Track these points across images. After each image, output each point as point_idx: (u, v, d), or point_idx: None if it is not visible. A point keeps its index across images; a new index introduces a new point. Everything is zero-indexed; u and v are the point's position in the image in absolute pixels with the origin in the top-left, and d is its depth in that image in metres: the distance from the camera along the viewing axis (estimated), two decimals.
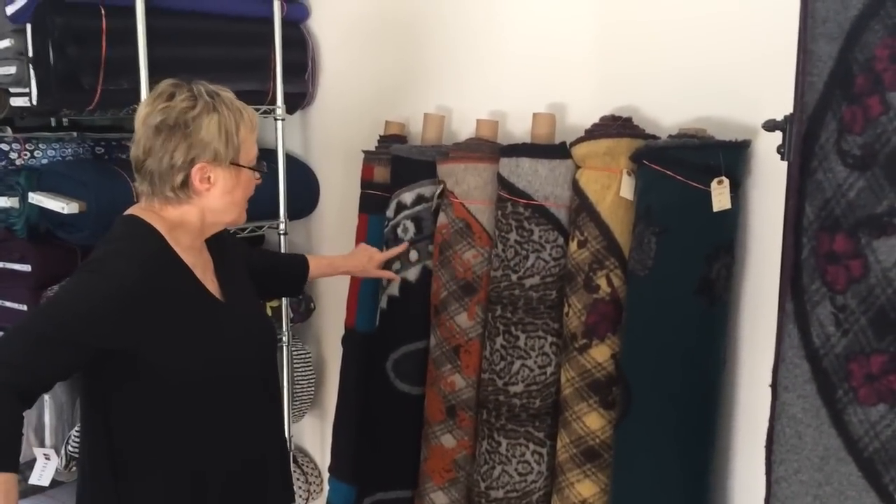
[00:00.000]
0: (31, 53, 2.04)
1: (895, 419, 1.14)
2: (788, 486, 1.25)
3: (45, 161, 2.33)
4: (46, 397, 2.30)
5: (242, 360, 1.52)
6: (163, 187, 1.42)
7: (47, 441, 2.32)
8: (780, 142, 1.27)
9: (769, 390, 1.31)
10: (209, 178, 1.43)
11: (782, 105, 1.30)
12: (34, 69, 2.04)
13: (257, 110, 2.37)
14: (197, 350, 1.43)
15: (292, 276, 1.96)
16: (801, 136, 1.20)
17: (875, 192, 1.14)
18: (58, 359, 1.32)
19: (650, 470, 1.65)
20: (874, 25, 1.11)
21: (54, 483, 2.32)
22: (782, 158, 1.25)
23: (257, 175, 1.53)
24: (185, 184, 1.42)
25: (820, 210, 1.20)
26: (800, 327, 1.22)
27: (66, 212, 2.07)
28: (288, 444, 1.80)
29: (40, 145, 2.33)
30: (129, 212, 1.48)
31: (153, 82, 2.01)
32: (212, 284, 1.52)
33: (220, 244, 1.60)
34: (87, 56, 1.99)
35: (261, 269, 1.81)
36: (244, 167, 1.47)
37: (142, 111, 1.43)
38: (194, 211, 1.46)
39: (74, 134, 2.49)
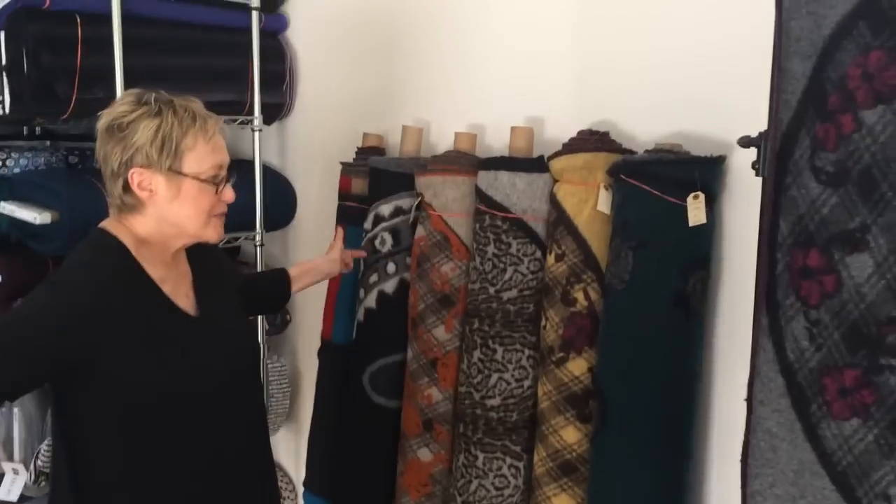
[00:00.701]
0: (4, 61, 2.01)
1: (868, 433, 1.15)
2: (764, 499, 1.26)
3: (17, 170, 2.29)
4: (16, 410, 2.26)
5: (211, 376, 1.48)
6: (112, 193, 1.42)
7: (16, 455, 2.28)
8: (754, 158, 1.29)
9: (744, 404, 1.32)
10: (149, 185, 1.38)
11: (757, 121, 1.32)
12: (7, 77, 2.01)
13: (234, 121, 2.37)
14: (158, 364, 1.39)
15: (274, 290, 1.95)
16: (776, 153, 1.22)
17: (848, 209, 1.15)
18: (14, 372, 1.30)
19: (626, 483, 1.65)
20: (847, 45, 1.13)
21: (23, 498, 2.28)
22: (757, 174, 1.27)
23: (221, 188, 1.44)
24: (127, 189, 1.39)
25: (794, 226, 1.21)
26: (774, 342, 1.24)
27: (38, 222, 2.04)
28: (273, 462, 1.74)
29: (12, 154, 2.30)
30: (101, 224, 1.46)
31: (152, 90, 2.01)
32: (185, 299, 1.49)
33: (203, 258, 1.57)
34: (61, 64, 1.97)
35: (242, 289, 1.78)
36: (186, 176, 1.39)
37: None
38: (151, 221, 1.42)
39: (48, 143, 2.46)
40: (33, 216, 2.05)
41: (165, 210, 1.41)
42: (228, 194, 1.47)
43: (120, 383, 1.37)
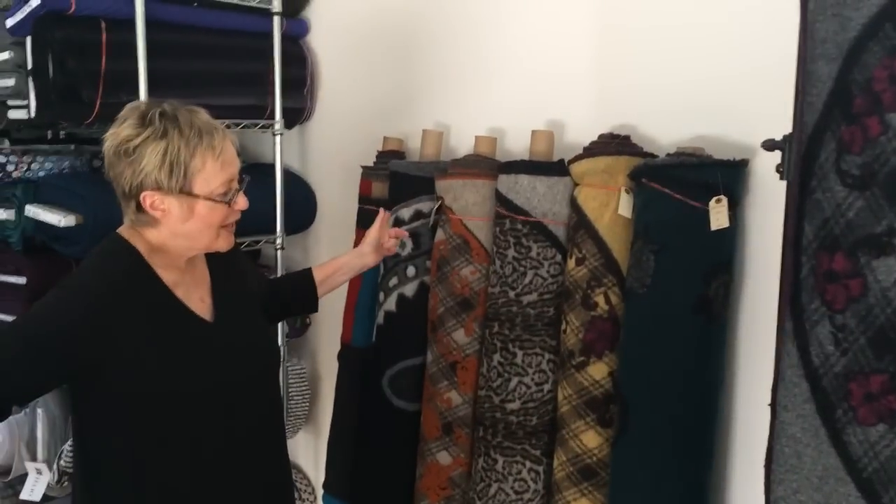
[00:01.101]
0: (30, 66, 2.04)
1: (894, 439, 1.13)
2: None
3: (42, 174, 2.32)
4: (39, 411, 2.28)
5: (223, 381, 1.47)
6: (126, 210, 1.42)
7: (39, 455, 2.30)
8: (778, 161, 1.28)
9: (767, 409, 1.30)
10: (161, 205, 1.38)
11: (779, 124, 1.31)
12: (33, 82, 2.04)
13: (255, 125, 2.38)
14: (168, 367, 1.40)
15: (298, 292, 1.86)
16: (801, 156, 1.21)
17: (874, 212, 1.14)
18: (27, 374, 1.32)
19: (647, 489, 1.64)
20: (873, 46, 1.12)
21: (46, 498, 2.30)
22: (781, 178, 1.26)
23: (230, 203, 1.42)
24: (141, 209, 1.39)
25: (819, 229, 1.20)
26: (799, 346, 1.22)
27: (62, 225, 2.07)
28: (289, 469, 1.73)
29: (38, 158, 2.33)
30: (117, 231, 1.47)
31: (152, 95, 2.03)
32: (199, 304, 1.49)
33: (224, 262, 1.57)
34: (86, 69, 1.99)
35: (266, 293, 1.77)
36: (199, 197, 1.38)
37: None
38: (165, 234, 1.42)
39: (72, 147, 2.49)
40: (58, 219, 2.07)
41: (180, 227, 1.41)
42: (241, 203, 1.45)
43: (130, 384, 1.38)
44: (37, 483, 2.22)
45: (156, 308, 1.42)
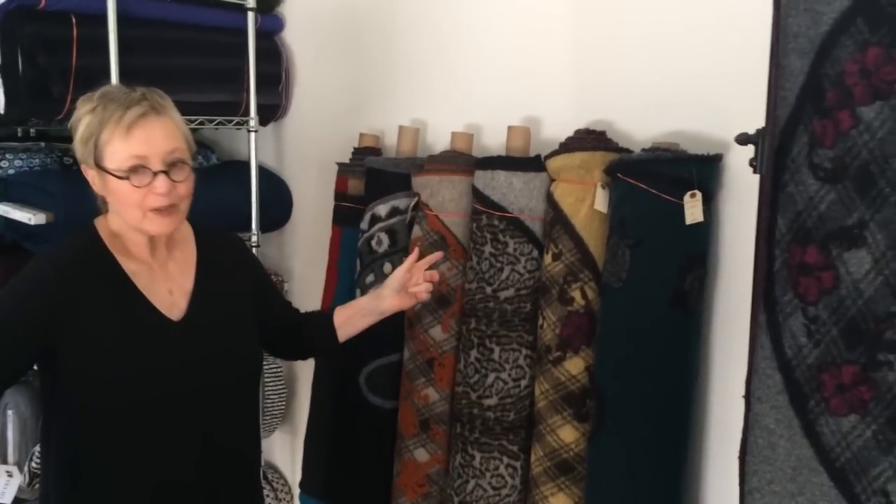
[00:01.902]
0: None
1: (866, 429, 1.15)
2: (762, 496, 1.25)
3: (11, 171, 2.28)
4: (10, 413, 2.25)
5: (188, 386, 1.44)
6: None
7: (10, 457, 2.27)
8: (752, 155, 1.29)
9: (742, 401, 1.31)
10: (93, 181, 1.42)
11: (753, 119, 1.32)
12: (2, 78, 2.00)
13: (230, 122, 2.36)
14: (118, 354, 1.38)
15: (316, 334, 1.76)
16: (774, 150, 1.22)
17: (845, 205, 1.15)
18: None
19: (624, 482, 1.65)
20: (844, 41, 1.14)
21: (17, 501, 2.27)
22: (755, 171, 1.27)
23: (150, 182, 1.36)
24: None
25: (792, 222, 1.21)
26: (772, 338, 1.24)
27: (32, 222, 2.04)
28: (258, 472, 1.70)
29: (7, 155, 2.29)
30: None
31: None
32: (166, 297, 1.45)
33: (217, 259, 1.56)
34: (57, 65, 1.97)
35: (283, 325, 1.73)
36: (107, 172, 1.37)
37: None
38: (114, 215, 1.45)
39: (42, 144, 2.46)
40: (28, 217, 2.05)
41: (111, 204, 1.43)
42: (160, 186, 1.36)
43: (85, 364, 1.37)
44: (7, 486, 2.19)
45: (112, 292, 1.41)
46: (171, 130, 1.41)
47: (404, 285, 1.69)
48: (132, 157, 1.36)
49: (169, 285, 1.48)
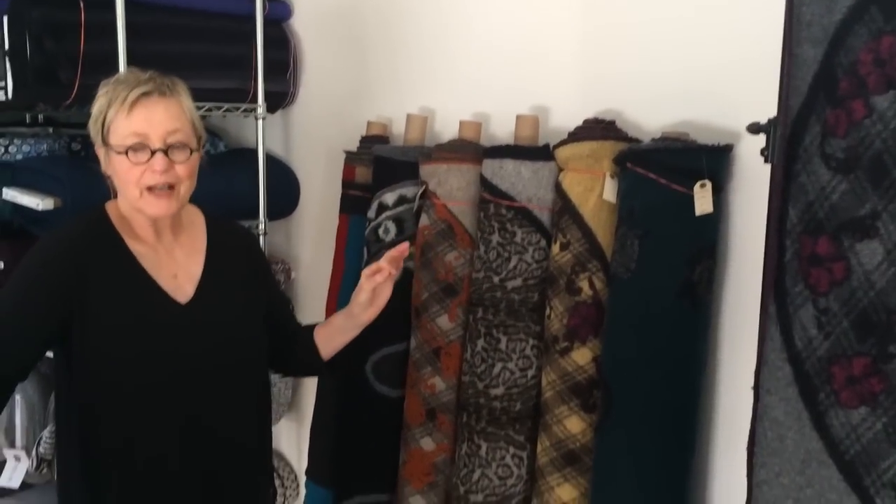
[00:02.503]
0: (6, 46, 2.00)
1: (876, 422, 1.14)
2: (770, 489, 1.25)
3: (19, 157, 2.28)
4: (18, 397, 2.26)
5: (192, 367, 1.46)
6: None
7: (18, 442, 2.28)
8: (763, 145, 1.28)
9: (750, 394, 1.31)
10: (101, 160, 1.46)
11: (764, 110, 1.31)
12: (10, 62, 2.00)
13: (237, 108, 2.36)
14: (131, 336, 1.42)
15: (305, 345, 1.72)
16: (786, 139, 1.21)
17: (858, 195, 1.14)
18: (13, 342, 1.39)
19: (630, 473, 1.65)
20: (858, 29, 1.12)
21: (25, 485, 2.27)
22: (766, 161, 1.26)
23: (149, 159, 1.38)
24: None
25: (803, 213, 1.20)
26: (782, 330, 1.23)
27: (40, 208, 2.03)
28: (266, 455, 1.68)
29: (15, 140, 2.29)
30: None
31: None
32: (171, 281, 1.47)
33: (230, 247, 1.59)
34: (64, 50, 1.96)
35: (280, 333, 1.70)
36: (111, 148, 1.42)
37: None
38: (120, 196, 1.49)
39: (50, 130, 2.45)
40: (36, 202, 2.04)
41: (116, 185, 1.46)
42: (157, 164, 1.39)
43: (96, 343, 1.40)
44: (15, 470, 2.20)
45: (119, 271, 1.44)
46: (174, 112, 1.43)
47: (369, 301, 1.62)
48: (132, 135, 1.40)
49: (174, 269, 1.49)
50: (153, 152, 1.39)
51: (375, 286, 1.60)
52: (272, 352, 1.67)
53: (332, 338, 1.71)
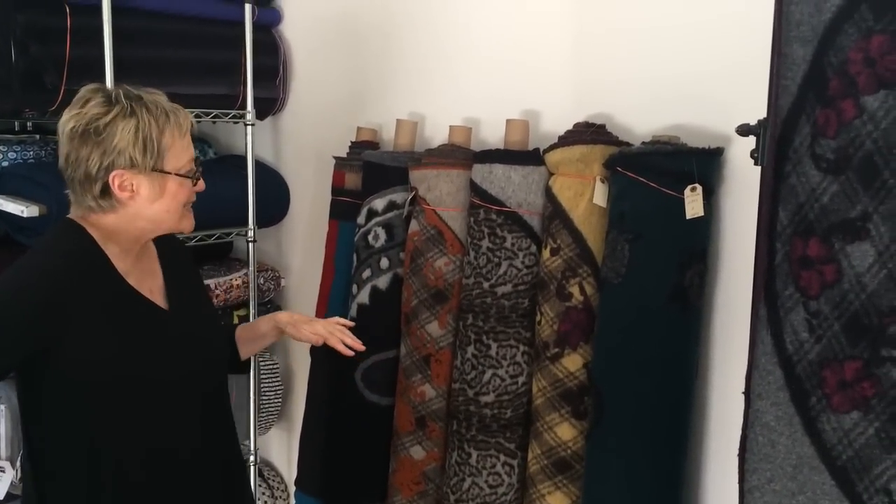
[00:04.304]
0: None
1: (868, 427, 1.12)
2: (762, 495, 1.23)
3: (5, 164, 2.26)
4: (2, 408, 2.22)
5: (180, 371, 1.45)
6: (84, 197, 1.36)
7: (2, 453, 2.24)
8: (753, 147, 1.26)
9: (742, 398, 1.29)
10: (131, 186, 1.35)
11: (755, 113, 1.30)
12: None
13: (226, 115, 2.34)
14: (129, 355, 1.37)
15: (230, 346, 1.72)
16: (775, 140, 1.19)
17: (849, 197, 1.13)
18: None
19: (621, 480, 1.63)
20: (848, 28, 1.11)
21: (9, 496, 2.24)
22: (756, 163, 1.24)
23: (196, 181, 1.44)
24: (106, 193, 1.35)
25: (793, 215, 1.19)
26: (773, 333, 1.21)
27: (25, 215, 2.01)
28: (246, 462, 1.71)
29: (1, 147, 2.27)
30: (68, 216, 1.43)
31: (119, 83, 1.98)
32: (153, 293, 1.47)
33: (174, 254, 1.57)
34: (50, 54, 1.94)
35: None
36: (170, 174, 1.39)
37: (61, 119, 1.38)
38: (125, 220, 1.39)
39: (37, 136, 2.43)
40: (21, 209, 2.02)
41: (146, 209, 1.39)
42: (202, 184, 1.47)
43: (86, 371, 1.34)
44: (0, 481, 2.17)
45: (111, 295, 1.39)
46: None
47: (297, 332, 1.66)
48: (191, 160, 1.44)
49: (149, 283, 1.48)
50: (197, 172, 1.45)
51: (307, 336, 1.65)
52: None
53: (253, 341, 1.72)
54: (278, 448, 2.81)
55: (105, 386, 1.36)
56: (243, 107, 2.37)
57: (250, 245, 2.42)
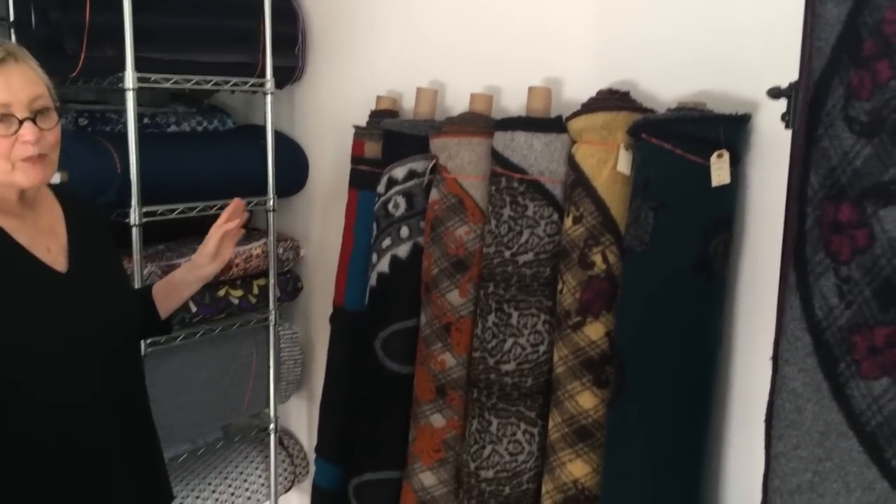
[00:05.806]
0: (12, 18, 1.98)
1: None
2: (787, 461, 1.22)
3: None
4: None
5: (82, 334, 1.41)
6: None
7: None
8: (783, 110, 1.24)
9: (766, 368, 1.28)
10: None
11: (784, 78, 1.27)
12: (15, 34, 1.98)
13: (245, 83, 2.33)
14: (19, 319, 1.33)
15: (145, 309, 1.69)
16: (807, 103, 1.17)
17: (882, 160, 1.11)
18: None
19: (643, 449, 1.62)
20: None
21: None
22: (787, 126, 1.22)
23: (16, 130, 1.32)
24: None
25: (825, 179, 1.17)
26: (802, 299, 1.20)
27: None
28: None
29: None
30: None
31: (138, 50, 1.97)
32: (46, 253, 1.42)
33: (86, 219, 1.55)
34: (70, 21, 1.93)
35: None
36: None
37: None
38: None
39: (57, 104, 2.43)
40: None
41: None
42: (26, 134, 1.32)
43: None
44: None
45: None
46: (31, 77, 1.35)
47: (218, 251, 1.69)
48: (3, 105, 1.31)
49: (46, 242, 1.44)
50: (21, 121, 1.32)
51: (223, 235, 1.66)
52: None
53: (171, 294, 1.72)
54: (297, 416, 2.83)
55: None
56: (262, 75, 2.36)
57: (270, 215, 2.42)
